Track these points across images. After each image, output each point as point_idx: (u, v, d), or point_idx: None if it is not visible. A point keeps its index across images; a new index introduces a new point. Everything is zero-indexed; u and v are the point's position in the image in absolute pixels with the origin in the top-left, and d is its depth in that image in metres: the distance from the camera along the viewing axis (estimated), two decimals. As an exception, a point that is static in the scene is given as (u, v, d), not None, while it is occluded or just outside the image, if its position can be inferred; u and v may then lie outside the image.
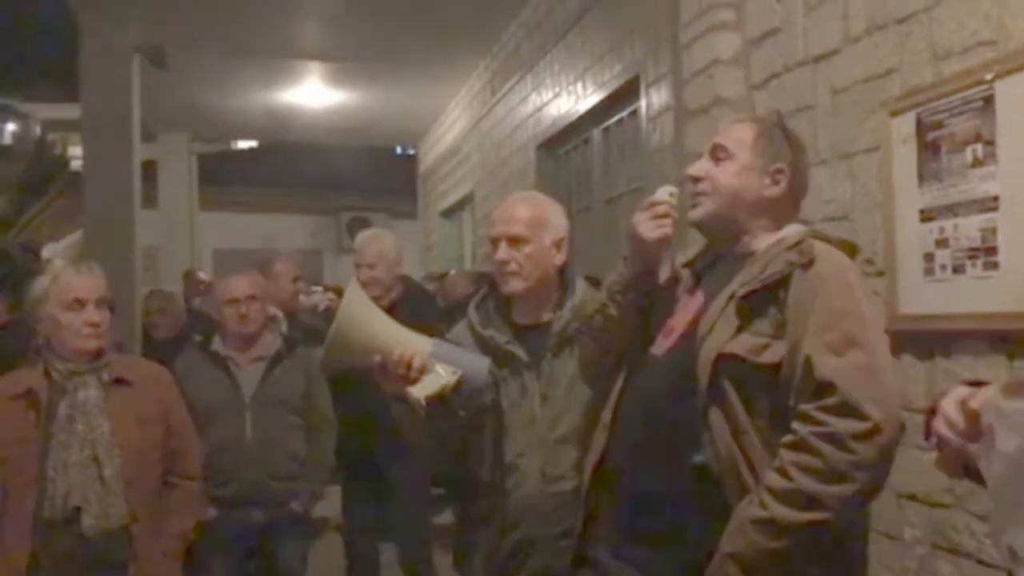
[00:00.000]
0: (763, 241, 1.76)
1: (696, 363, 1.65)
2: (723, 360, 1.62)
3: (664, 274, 1.91)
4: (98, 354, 2.47)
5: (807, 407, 1.54)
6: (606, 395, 1.89)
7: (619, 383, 1.86)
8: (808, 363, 1.55)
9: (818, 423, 1.52)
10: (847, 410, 1.51)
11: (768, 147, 1.78)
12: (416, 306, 2.37)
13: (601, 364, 1.96)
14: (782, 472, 1.53)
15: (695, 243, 1.98)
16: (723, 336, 1.64)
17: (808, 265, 1.63)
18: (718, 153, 1.80)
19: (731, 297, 1.67)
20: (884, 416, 1.50)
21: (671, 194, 1.82)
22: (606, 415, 1.86)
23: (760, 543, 1.53)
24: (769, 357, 1.61)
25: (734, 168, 1.78)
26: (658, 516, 1.69)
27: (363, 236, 3.78)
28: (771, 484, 1.54)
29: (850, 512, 1.57)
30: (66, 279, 2.45)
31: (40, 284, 2.47)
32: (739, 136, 1.80)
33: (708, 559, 1.58)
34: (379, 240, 3.72)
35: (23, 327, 2.71)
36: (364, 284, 3.28)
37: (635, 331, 1.88)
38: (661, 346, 1.79)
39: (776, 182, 1.77)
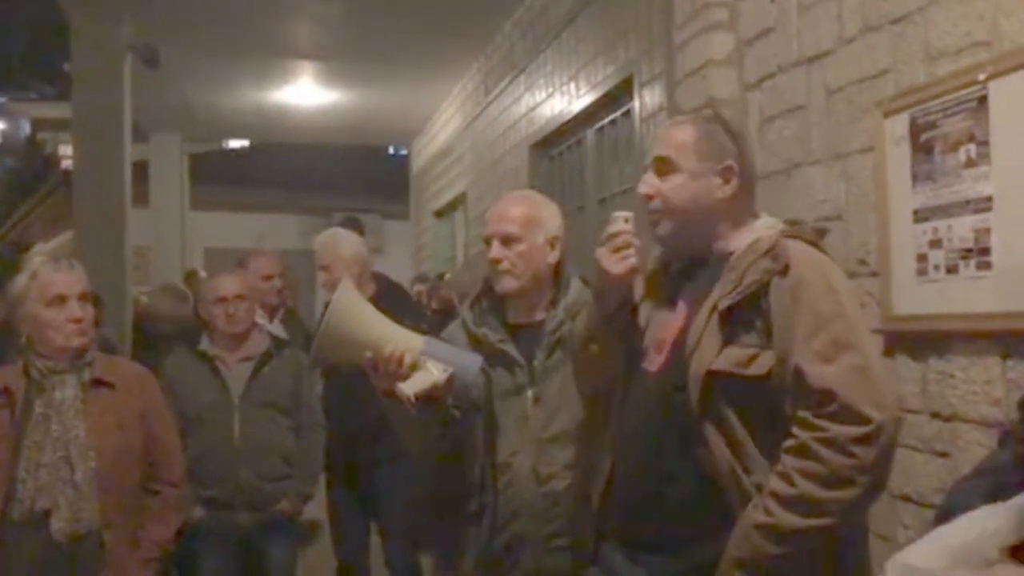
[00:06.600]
0: (733, 241, 1.74)
1: (687, 378, 1.65)
2: (712, 377, 1.62)
3: (639, 294, 1.88)
4: (81, 352, 2.40)
5: (806, 413, 1.54)
6: (604, 414, 1.87)
7: (617, 400, 1.84)
8: (800, 374, 1.55)
9: (819, 429, 1.52)
10: (847, 415, 1.51)
11: (711, 147, 1.74)
12: (390, 305, 2.36)
13: (596, 388, 1.95)
14: (785, 478, 1.53)
15: (653, 255, 1.92)
16: (710, 351, 1.63)
17: (785, 271, 1.61)
18: (662, 165, 1.76)
19: (713, 310, 1.66)
20: (883, 416, 1.51)
21: (626, 220, 1.77)
22: (608, 437, 1.84)
23: (765, 548, 1.53)
24: (757, 369, 1.60)
25: (682, 180, 1.73)
26: (666, 526, 1.69)
27: (318, 239, 3.70)
28: (775, 490, 1.54)
29: (854, 516, 1.57)
30: (46, 275, 2.38)
31: (19, 282, 2.40)
32: (679, 142, 1.76)
33: (716, 565, 1.58)
34: (333, 241, 3.62)
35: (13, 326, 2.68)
36: (323, 286, 3.24)
37: (624, 354, 1.85)
38: (654, 361, 1.77)
39: (727, 181, 1.74)
